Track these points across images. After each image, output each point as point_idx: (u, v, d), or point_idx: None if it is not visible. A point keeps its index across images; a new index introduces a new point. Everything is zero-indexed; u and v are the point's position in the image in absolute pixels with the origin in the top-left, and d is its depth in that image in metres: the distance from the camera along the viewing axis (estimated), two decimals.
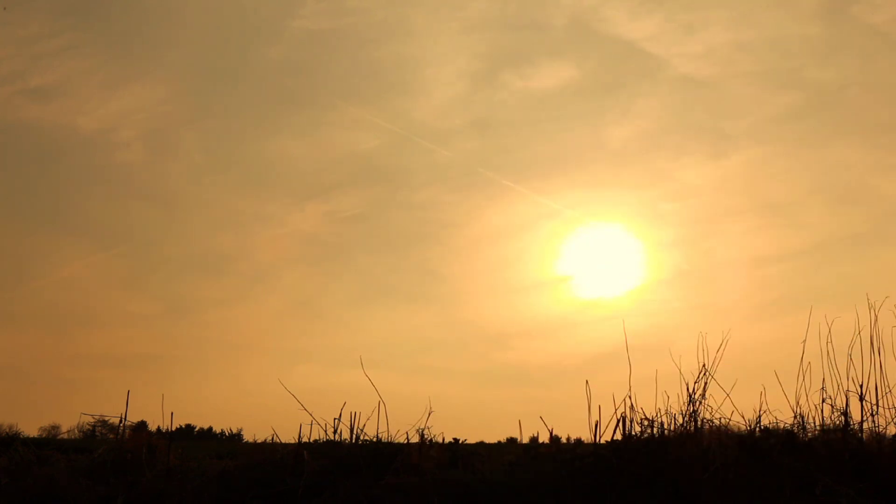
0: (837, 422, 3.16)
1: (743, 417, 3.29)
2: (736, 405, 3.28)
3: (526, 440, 4.60)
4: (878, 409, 3.19)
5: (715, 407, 3.17)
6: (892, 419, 3.20)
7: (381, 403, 4.35)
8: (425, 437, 3.56)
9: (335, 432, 3.36)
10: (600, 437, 3.00)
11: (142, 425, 3.58)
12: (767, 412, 3.30)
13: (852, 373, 3.22)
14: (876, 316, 3.25)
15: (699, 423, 3.07)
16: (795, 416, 3.27)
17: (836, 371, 3.24)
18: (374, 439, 3.52)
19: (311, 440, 3.31)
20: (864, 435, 3.14)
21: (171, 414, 3.30)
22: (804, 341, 3.28)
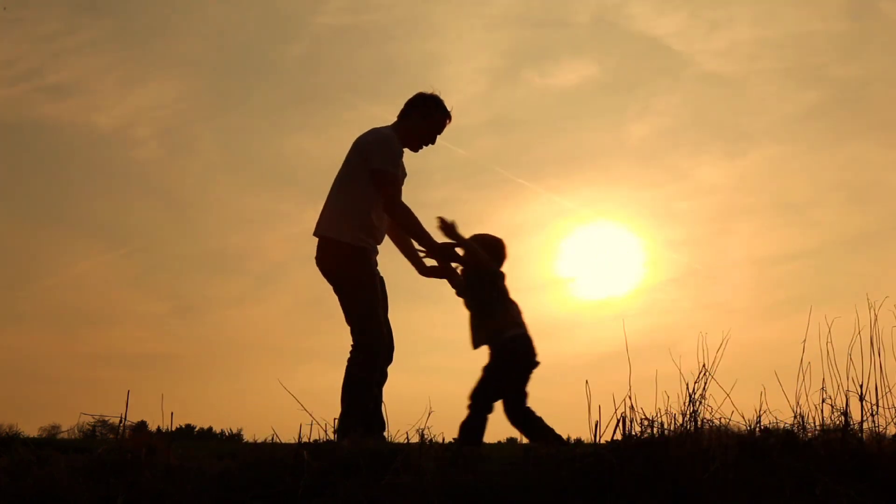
0: (837, 422, 3.16)
1: (743, 417, 3.29)
2: (736, 405, 3.28)
3: (526, 440, 4.60)
4: (878, 409, 3.19)
5: (715, 407, 3.17)
6: (892, 419, 3.20)
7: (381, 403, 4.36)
8: (425, 437, 3.56)
9: (335, 432, 3.37)
10: (600, 437, 3.00)
11: (142, 425, 3.58)
12: (767, 412, 3.30)
13: (852, 373, 3.22)
14: (876, 316, 3.25)
15: (699, 423, 3.07)
16: (795, 416, 3.27)
17: (836, 371, 3.25)
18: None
19: (311, 440, 3.31)
20: (864, 435, 3.14)
21: (171, 414, 3.30)
22: (804, 341, 3.28)
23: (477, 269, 4.52)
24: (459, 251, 4.51)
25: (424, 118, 4.47)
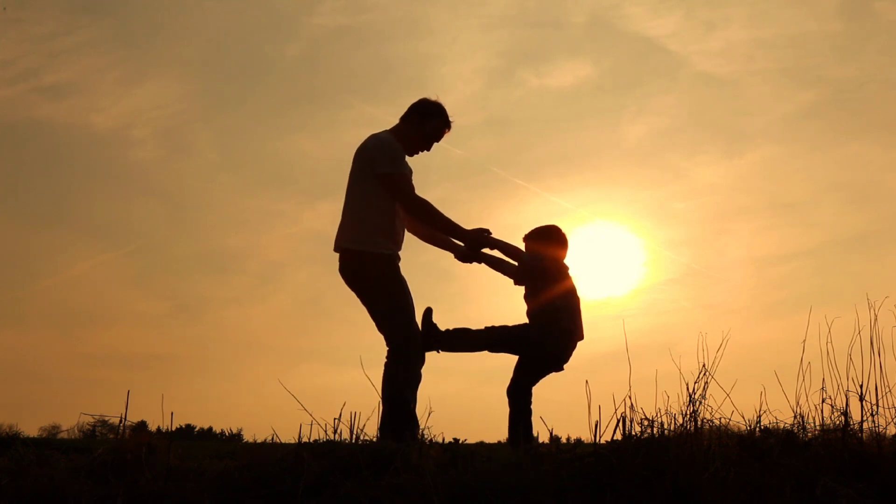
0: (837, 422, 3.16)
1: (743, 417, 3.29)
2: (736, 405, 3.28)
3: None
4: (878, 409, 3.19)
5: (715, 407, 3.18)
6: (892, 419, 3.20)
7: (381, 403, 4.35)
8: (425, 437, 3.56)
9: (335, 432, 3.37)
10: (600, 437, 3.00)
11: (142, 425, 3.58)
12: (767, 412, 3.30)
13: (852, 373, 3.22)
14: (876, 316, 3.25)
15: (699, 423, 3.07)
16: (795, 416, 3.27)
17: (836, 371, 3.24)
18: (374, 439, 3.52)
19: (311, 440, 3.31)
20: (864, 435, 3.14)
21: (171, 414, 3.30)
22: (804, 341, 3.28)
23: (527, 266, 4.55)
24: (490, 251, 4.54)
25: (424, 123, 4.51)
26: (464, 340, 4.49)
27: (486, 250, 4.59)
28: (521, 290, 4.70)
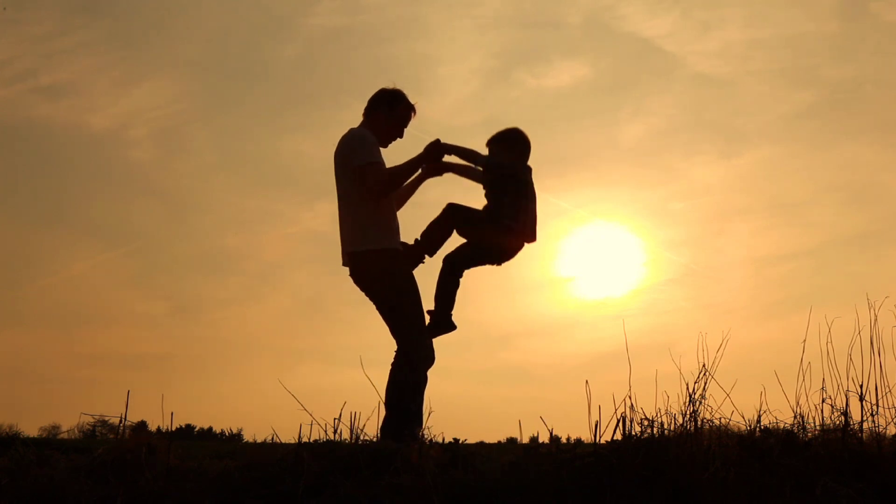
0: (837, 422, 3.16)
1: (743, 417, 3.29)
2: (736, 405, 3.29)
3: (526, 440, 4.59)
4: (878, 409, 3.19)
5: (715, 407, 3.18)
6: (892, 419, 3.20)
7: (381, 403, 4.36)
8: (425, 436, 3.56)
9: (335, 432, 3.37)
10: (600, 437, 3.00)
11: (142, 425, 3.58)
12: (767, 412, 3.31)
13: (852, 373, 3.23)
14: (876, 316, 3.25)
15: (699, 423, 3.07)
16: (795, 416, 3.27)
17: (836, 371, 3.25)
18: (374, 439, 3.52)
19: (311, 440, 3.31)
20: (864, 435, 3.14)
21: (172, 414, 3.30)
22: (804, 341, 3.28)
23: (498, 169, 4.55)
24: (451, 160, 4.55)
25: (389, 113, 4.48)
26: (435, 229, 4.49)
27: (449, 159, 4.57)
28: (520, 288, 4.70)
